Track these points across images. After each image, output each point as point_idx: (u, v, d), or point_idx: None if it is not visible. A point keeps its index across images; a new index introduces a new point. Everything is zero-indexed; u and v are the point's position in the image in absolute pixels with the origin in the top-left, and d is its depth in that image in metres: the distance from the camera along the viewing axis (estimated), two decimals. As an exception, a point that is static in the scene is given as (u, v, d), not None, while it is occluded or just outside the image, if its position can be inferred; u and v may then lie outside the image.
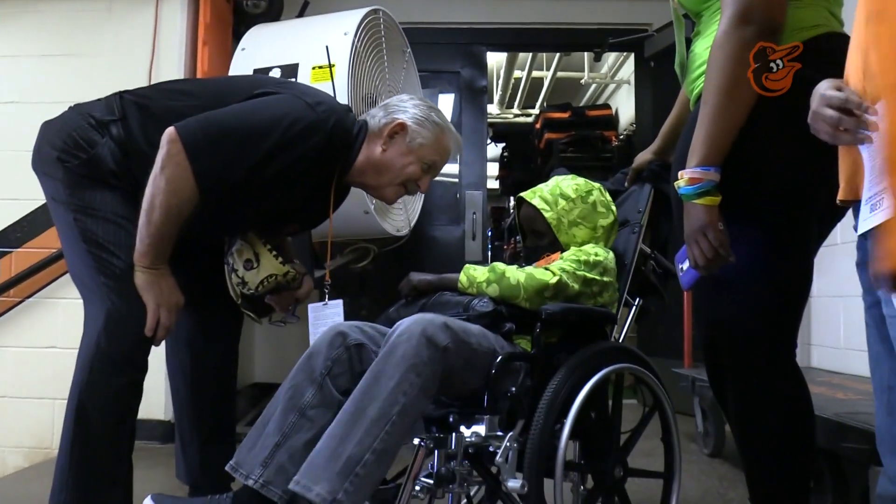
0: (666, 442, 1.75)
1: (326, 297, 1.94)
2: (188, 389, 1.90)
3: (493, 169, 7.00)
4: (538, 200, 1.84)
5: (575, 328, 1.69)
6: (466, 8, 4.15)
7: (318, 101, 1.71)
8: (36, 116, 1.81)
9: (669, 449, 1.74)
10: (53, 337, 3.11)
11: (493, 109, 6.96)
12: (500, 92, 6.70)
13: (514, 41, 4.58)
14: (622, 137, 5.80)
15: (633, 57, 4.74)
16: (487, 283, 1.64)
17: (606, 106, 6.31)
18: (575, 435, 1.52)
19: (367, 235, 3.16)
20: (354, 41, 2.80)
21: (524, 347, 1.67)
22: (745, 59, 1.30)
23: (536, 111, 6.93)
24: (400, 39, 3.24)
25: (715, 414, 2.84)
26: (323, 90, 1.82)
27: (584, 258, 1.70)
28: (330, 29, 2.89)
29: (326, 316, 1.92)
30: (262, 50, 3.02)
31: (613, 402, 1.65)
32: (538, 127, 6.16)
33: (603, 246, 1.79)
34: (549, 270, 1.66)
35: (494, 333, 1.60)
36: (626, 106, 5.95)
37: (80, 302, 1.72)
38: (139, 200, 1.68)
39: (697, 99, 1.46)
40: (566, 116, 5.95)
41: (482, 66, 4.25)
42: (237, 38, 3.36)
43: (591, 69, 6.27)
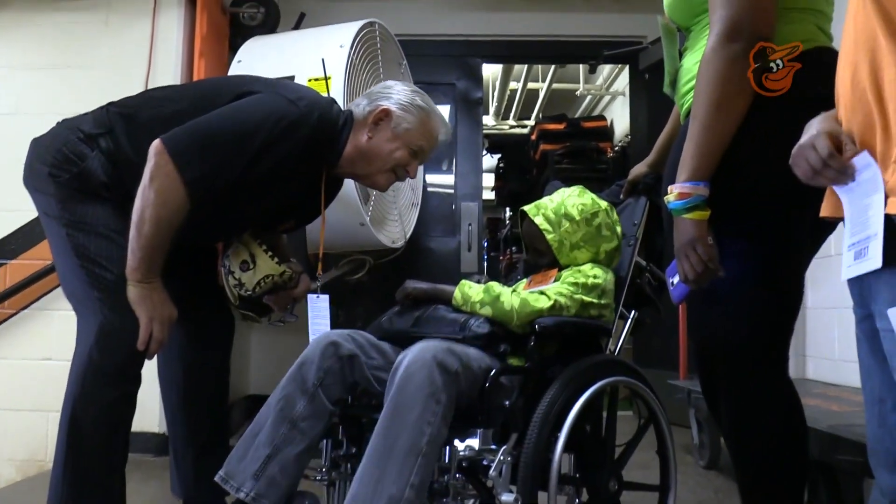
0: (661, 454, 1.74)
1: (318, 288, 1.94)
2: (181, 402, 1.90)
3: (488, 180, 7.01)
4: (541, 220, 1.79)
5: (569, 341, 1.68)
6: (462, 20, 4.17)
7: (299, 96, 1.71)
8: (32, 128, 1.82)
9: (665, 461, 1.74)
10: (48, 349, 3.10)
11: (488, 121, 6.99)
12: (495, 103, 6.72)
13: (509, 53, 4.59)
14: (617, 149, 5.82)
15: (627, 69, 4.76)
16: (481, 304, 1.62)
17: (601, 117, 6.32)
18: (569, 448, 1.51)
19: (362, 247, 3.16)
20: (350, 53, 2.81)
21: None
22: (733, 74, 1.31)
23: (532, 122, 6.94)
24: (396, 52, 3.25)
25: (711, 426, 2.84)
26: (300, 86, 1.82)
27: (582, 281, 1.68)
28: (326, 41, 2.91)
29: (319, 308, 1.93)
30: (258, 62, 3.03)
31: (608, 414, 1.65)
32: (534, 138, 6.17)
33: (603, 267, 1.77)
34: (544, 295, 1.63)
35: (489, 354, 1.59)
36: (621, 117, 5.97)
37: (74, 314, 1.72)
38: (131, 213, 1.68)
39: (688, 114, 1.46)
40: (561, 128, 5.96)
41: (478, 77, 4.26)
42: (234, 49, 3.38)
43: (586, 81, 6.29)
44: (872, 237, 0.97)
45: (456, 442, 1.49)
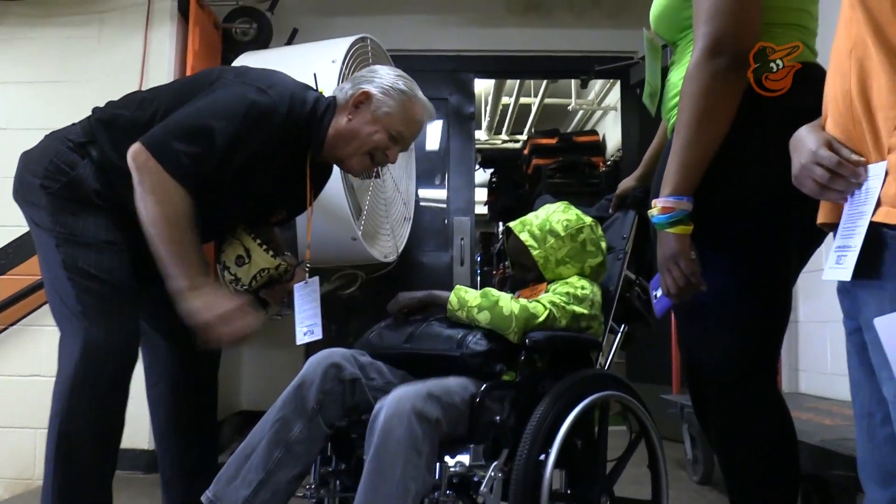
0: (653, 469, 1.73)
1: (306, 276, 1.91)
2: (169, 419, 1.88)
3: (481, 195, 7.02)
4: (526, 235, 1.79)
5: (560, 355, 1.68)
6: (454, 36, 4.20)
7: (270, 84, 1.71)
8: (24, 143, 1.81)
9: (656, 476, 1.73)
10: (37, 365, 3.07)
11: (481, 135, 7.01)
12: (488, 118, 6.75)
13: (501, 68, 4.63)
14: (609, 163, 5.84)
15: (619, 84, 4.79)
16: (479, 308, 1.59)
17: (594, 132, 6.35)
18: (560, 463, 1.50)
19: (354, 262, 3.16)
20: (342, 68, 2.82)
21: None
22: (716, 89, 1.32)
23: (524, 137, 6.98)
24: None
25: (704, 440, 2.83)
26: (275, 72, 1.80)
27: (571, 291, 1.68)
28: (318, 57, 2.92)
29: (309, 294, 1.89)
30: (250, 77, 3.04)
31: (599, 429, 1.64)
32: (526, 153, 6.20)
33: (590, 280, 1.77)
34: (539, 304, 1.62)
35: (474, 380, 1.55)
36: (612, 132, 6.00)
37: (62, 331, 1.70)
38: (125, 221, 1.68)
39: (674, 128, 1.47)
40: (554, 142, 5.99)
41: (470, 92, 4.29)
42: (226, 65, 3.37)
43: (578, 96, 6.33)
44: (852, 248, 0.97)
45: (446, 458, 1.47)
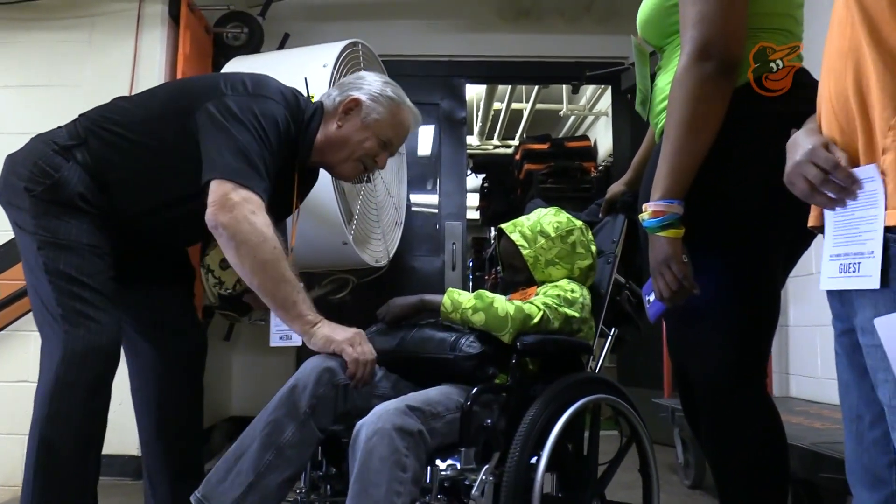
0: (644, 473, 1.74)
1: None
2: (154, 423, 1.87)
3: (473, 200, 7.03)
4: (517, 236, 1.81)
5: (551, 359, 1.68)
6: (445, 41, 4.20)
7: (274, 91, 1.73)
8: (13, 147, 1.79)
9: (647, 480, 1.73)
10: (24, 371, 3.04)
11: (473, 141, 7.02)
12: (479, 123, 6.76)
13: (493, 74, 4.63)
14: (601, 168, 5.86)
15: (610, 90, 4.81)
16: (474, 310, 1.59)
17: (585, 137, 6.37)
18: (552, 467, 1.50)
19: (345, 266, 3.15)
20: (334, 73, 2.82)
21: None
22: (704, 94, 1.32)
23: (516, 142, 6.99)
24: (379, 72, 3.26)
25: (696, 444, 2.83)
26: (267, 77, 1.81)
27: (562, 294, 1.69)
28: (309, 61, 2.91)
29: None
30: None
31: (590, 433, 1.64)
32: (518, 158, 6.21)
33: (579, 283, 1.78)
34: (533, 305, 1.63)
35: (460, 386, 1.55)
36: (604, 137, 6.03)
37: (49, 336, 1.68)
38: (109, 227, 1.67)
39: (662, 132, 1.48)
40: (545, 148, 6.00)
41: (461, 98, 4.30)
42: (217, 69, 3.37)
43: (569, 101, 6.36)
44: (868, 255, 0.94)
45: (437, 462, 1.47)
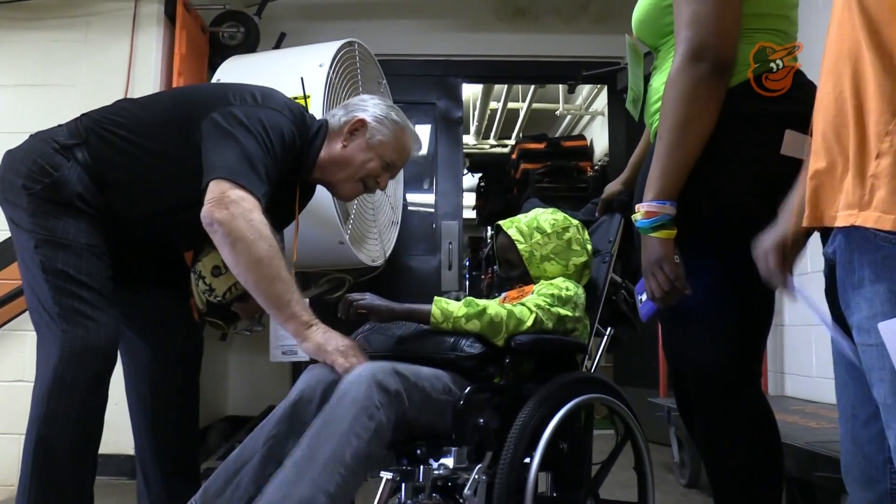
0: (639, 471, 1.74)
1: None
2: (149, 423, 1.86)
3: (469, 199, 7.04)
4: (514, 231, 1.83)
5: (545, 358, 1.68)
6: (442, 41, 4.20)
7: (283, 104, 1.75)
8: (8, 147, 1.79)
9: (642, 478, 1.73)
10: (20, 370, 3.04)
11: (469, 140, 7.02)
12: (476, 123, 6.77)
13: (489, 73, 4.64)
14: (597, 168, 5.86)
15: (606, 89, 4.81)
16: (467, 318, 1.56)
17: (581, 137, 6.38)
18: (545, 466, 1.50)
19: (342, 266, 3.15)
20: (330, 73, 2.82)
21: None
22: (697, 95, 1.33)
23: (512, 142, 6.99)
24: (375, 71, 3.27)
25: (691, 444, 2.84)
26: (275, 91, 1.83)
27: (556, 293, 1.68)
28: (305, 60, 2.91)
29: None
30: (237, 81, 2.98)
31: (584, 432, 1.64)
32: (514, 157, 6.21)
33: (573, 281, 1.78)
34: (525, 307, 1.62)
35: (455, 375, 1.55)
36: (600, 137, 6.03)
37: (46, 336, 1.68)
38: (107, 226, 1.67)
39: (657, 133, 1.48)
40: (542, 147, 6.00)
41: (458, 97, 4.30)
42: (213, 69, 3.37)
43: (565, 101, 6.36)
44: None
45: (430, 461, 1.47)
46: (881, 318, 0.93)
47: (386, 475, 1.45)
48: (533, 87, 5.91)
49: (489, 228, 7.74)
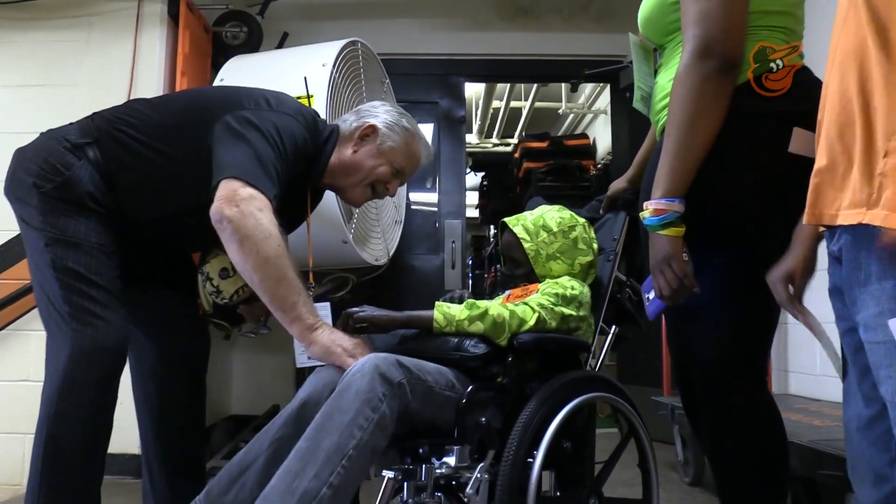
0: (643, 468, 1.73)
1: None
2: (155, 422, 1.86)
3: (472, 198, 7.03)
4: (520, 229, 1.83)
5: (548, 357, 1.68)
6: (444, 40, 4.21)
7: (296, 110, 1.75)
8: (12, 147, 1.79)
9: (646, 476, 1.73)
10: (25, 370, 3.05)
11: (472, 139, 7.02)
12: (478, 122, 6.76)
13: (491, 72, 4.63)
14: (600, 166, 5.86)
15: (608, 88, 4.81)
16: (470, 320, 1.56)
17: (584, 135, 6.37)
18: (548, 465, 1.49)
19: (345, 265, 3.15)
20: (333, 72, 2.82)
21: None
22: (705, 92, 1.32)
23: (515, 141, 6.99)
24: (378, 70, 3.27)
25: (695, 442, 2.84)
26: (288, 96, 1.82)
27: (560, 291, 1.68)
28: (308, 60, 2.92)
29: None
30: (240, 81, 3.02)
31: (586, 431, 1.64)
32: (517, 156, 6.20)
33: (579, 280, 1.78)
34: (527, 306, 1.62)
35: (458, 372, 1.55)
36: (603, 135, 6.02)
37: (52, 335, 1.68)
38: (117, 226, 1.67)
39: (663, 130, 1.48)
40: (544, 146, 5.99)
41: (460, 96, 4.30)
42: (216, 68, 3.37)
43: (568, 99, 6.36)
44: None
45: (433, 460, 1.47)
46: (888, 315, 0.93)
47: (388, 474, 1.45)
48: (535, 85, 5.91)
49: (492, 227, 7.74)
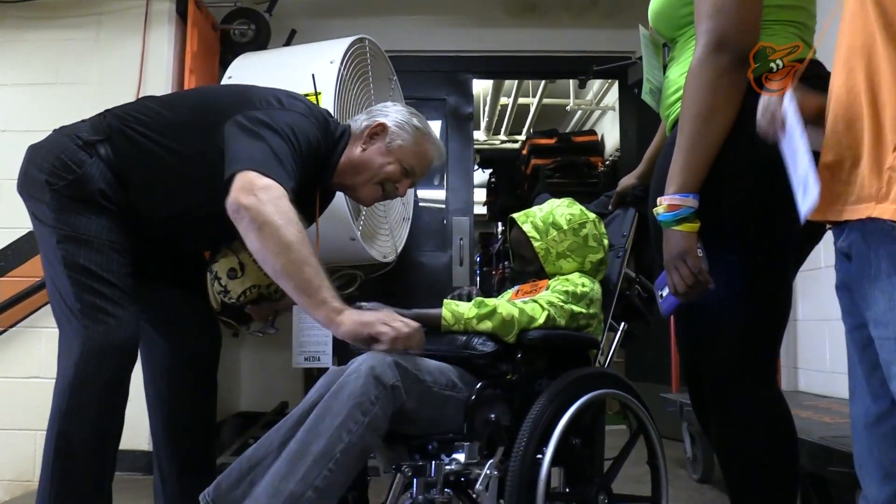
0: (652, 466, 1.73)
1: None
2: (166, 419, 1.87)
3: (480, 195, 7.03)
4: (529, 227, 1.81)
5: (558, 354, 1.67)
6: (452, 36, 4.20)
7: (308, 110, 1.74)
8: (23, 146, 1.79)
9: (656, 473, 1.73)
10: (35, 367, 3.08)
11: (479, 136, 7.00)
12: (486, 118, 6.75)
13: (499, 69, 4.62)
14: (608, 163, 5.85)
15: (617, 84, 4.79)
16: (478, 318, 1.56)
17: (592, 132, 6.36)
18: (558, 462, 1.50)
19: (353, 262, 3.15)
20: (341, 69, 2.82)
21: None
22: (720, 86, 1.32)
23: (523, 137, 6.98)
24: (386, 67, 3.27)
25: (703, 439, 2.83)
26: (299, 95, 1.81)
27: (570, 289, 1.68)
28: (316, 57, 2.92)
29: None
30: (248, 78, 3.01)
31: (596, 428, 1.64)
32: (525, 153, 6.20)
33: (590, 277, 1.77)
34: (537, 304, 1.61)
35: (463, 370, 1.54)
36: (611, 132, 6.01)
37: (62, 332, 1.69)
38: (128, 223, 1.68)
39: (674, 125, 1.47)
40: (552, 142, 5.99)
41: (468, 93, 4.29)
42: (224, 66, 3.38)
43: (576, 96, 6.33)
44: (807, 176, 1.04)
45: (442, 456, 1.47)
46: None
47: (398, 471, 1.45)
48: (543, 82, 5.89)
49: (500, 224, 7.74)
